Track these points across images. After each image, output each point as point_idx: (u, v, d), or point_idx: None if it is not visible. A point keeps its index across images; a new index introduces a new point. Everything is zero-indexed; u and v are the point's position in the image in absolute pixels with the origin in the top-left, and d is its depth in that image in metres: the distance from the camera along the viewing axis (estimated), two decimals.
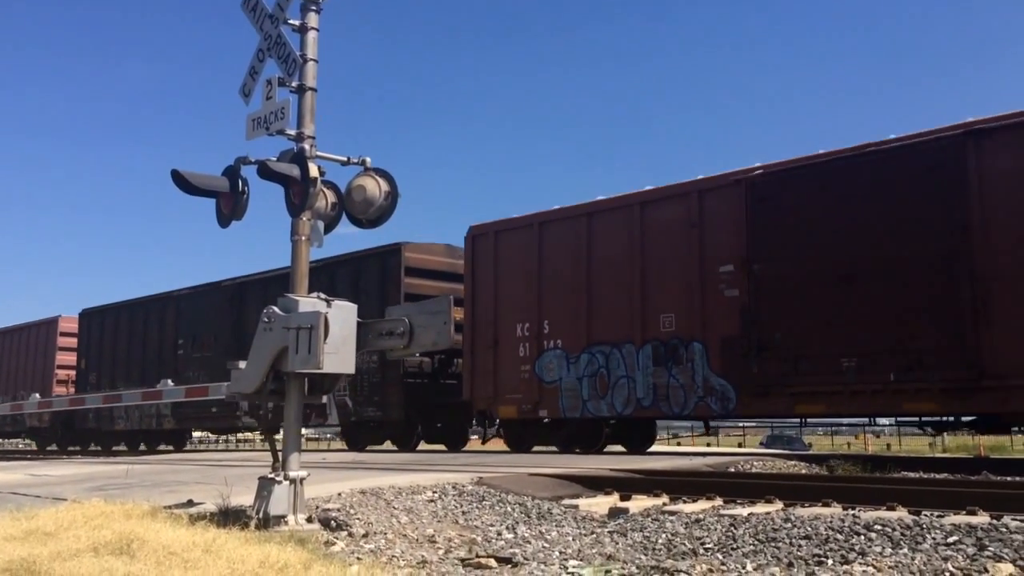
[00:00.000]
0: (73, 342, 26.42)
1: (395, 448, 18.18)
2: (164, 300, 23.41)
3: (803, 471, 10.21)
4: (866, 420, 14.32)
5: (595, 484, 7.90)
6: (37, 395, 22.48)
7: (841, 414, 12.95)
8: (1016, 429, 12.31)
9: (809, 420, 13.91)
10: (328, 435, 39.02)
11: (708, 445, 34.56)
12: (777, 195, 12.50)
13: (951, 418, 11.67)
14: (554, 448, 15.48)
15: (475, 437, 18.42)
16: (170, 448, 24.92)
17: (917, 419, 12.22)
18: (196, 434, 27.67)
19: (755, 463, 10.59)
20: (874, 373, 11.44)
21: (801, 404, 12.26)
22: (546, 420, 14.97)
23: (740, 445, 40.25)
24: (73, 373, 26.28)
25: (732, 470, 9.79)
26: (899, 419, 13.63)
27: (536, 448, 15.67)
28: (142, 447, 25.15)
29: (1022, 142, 10.66)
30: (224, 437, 32.57)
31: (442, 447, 18.20)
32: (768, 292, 12.42)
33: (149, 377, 22.15)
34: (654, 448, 16.43)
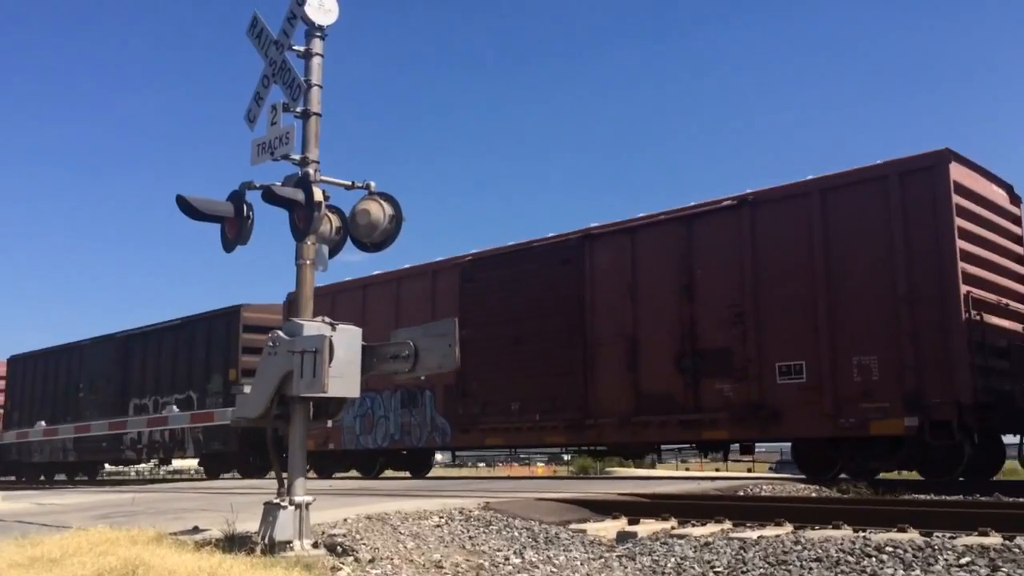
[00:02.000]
0: (3, 384, 29.68)
1: (240, 476, 21.25)
2: (72, 349, 26.39)
3: (813, 494, 10.12)
4: None
5: (603, 508, 7.84)
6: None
7: (513, 445, 17.12)
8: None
9: None
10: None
11: (717, 470, 34.31)
12: (477, 276, 16.33)
13: (575, 448, 16.31)
14: (355, 473, 19.42)
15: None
16: (84, 478, 27.47)
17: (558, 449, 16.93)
18: (108, 467, 30.50)
19: (764, 487, 10.51)
20: (529, 413, 15.19)
21: (488, 437, 16.09)
22: (332, 450, 18.80)
23: (749, 470, 39.97)
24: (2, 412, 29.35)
25: (741, 494, 9.72)
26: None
27: (336, 475, 19.38)
28: (60, 477, 28.29)
29: (613, 245, 14.63)
30: (136, 468, 35.04)
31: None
32: (471, 351, 15.32)
33: (57, 416, 25.31)
34: (663, 472, 17.84)
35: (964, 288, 11.27)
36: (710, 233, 13.45)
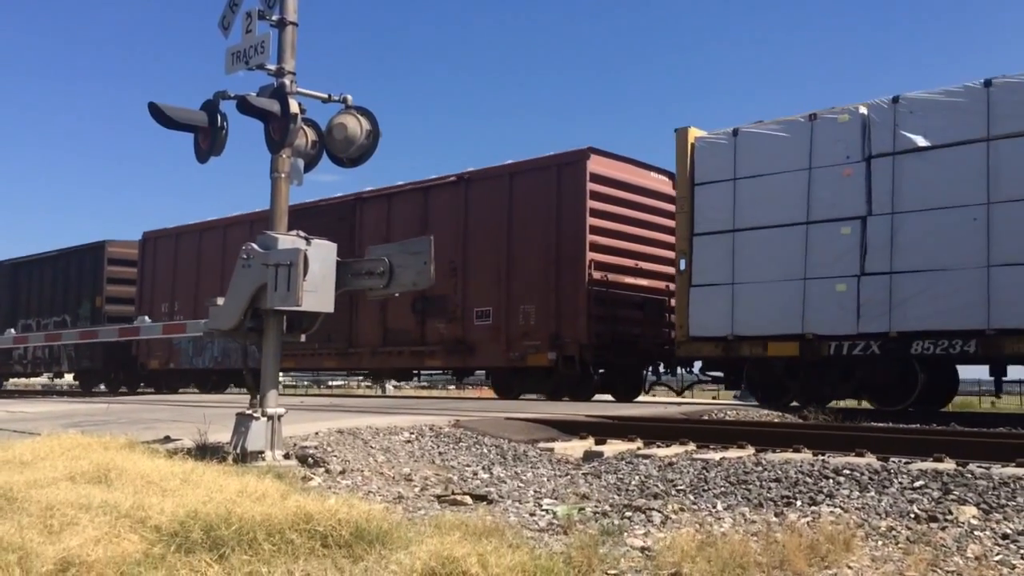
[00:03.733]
0: None
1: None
2: None
3: (775, 420, 10.36)
4: None
5: (570, 429, 7.98)
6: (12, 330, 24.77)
7: (300, 369, 21.93)
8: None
9: None
10: (305, 382, 39.36)
11: (682, 396, 34.84)
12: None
13: (345, 372, 21.25)
14: (194, 389, 23.02)
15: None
16: None
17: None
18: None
19: (729, 412, 10.74)
20: (311, 343, 19.71)
21: (284, 361, 19.75)
22: (173, 368, 22.52)
23: (715, 398, 40.63)
24: None
25: (706, 418, 9.92)
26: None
27: (181, 389, 23.15)
28: None
29: (376, 207, 17.82)
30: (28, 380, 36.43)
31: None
32: None
33: None
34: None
35: (590, 255, 14.58)
36: (440, 201, 16.76)
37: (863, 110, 11.83)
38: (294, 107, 5.73)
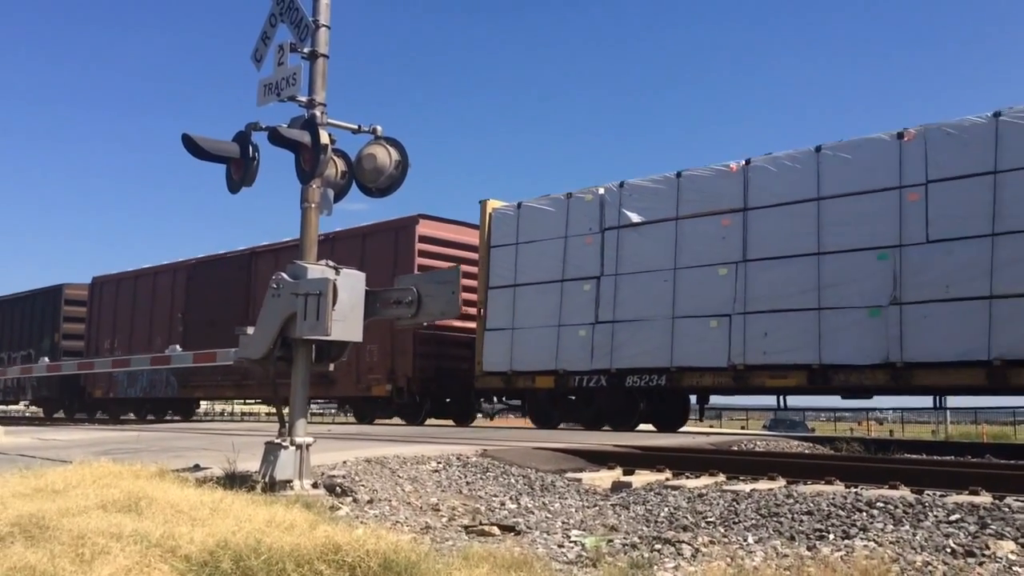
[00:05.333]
0: None
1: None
2: None
3: (806, 451, 10.23)
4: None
5: (598, 459, 7.93)
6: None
7: (208, 398, 27.07)
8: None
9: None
10: (332, 410, 39.54)
11: (711, 427, 34.62)
12: (196, 276, 22.70)
13: (241, 400, 26.95)
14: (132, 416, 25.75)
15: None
16: None
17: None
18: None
19: (758, 443, 10.62)
20: (217, 375, 20.93)
21: (196, 392, 23.30)
22: (112, 397, 25.26)
23: (743, 428, 40.32)
24: None
25: (735, 448, 9.82)
26: None
27: (121, 416, 25.49)
28: None
29: (268, 260, 19.96)
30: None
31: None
32: (188, 328, 22.10)
33: None
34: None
35: None
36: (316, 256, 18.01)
37: (601, 191, 14.85)
38: (324, 138, 5.79)
